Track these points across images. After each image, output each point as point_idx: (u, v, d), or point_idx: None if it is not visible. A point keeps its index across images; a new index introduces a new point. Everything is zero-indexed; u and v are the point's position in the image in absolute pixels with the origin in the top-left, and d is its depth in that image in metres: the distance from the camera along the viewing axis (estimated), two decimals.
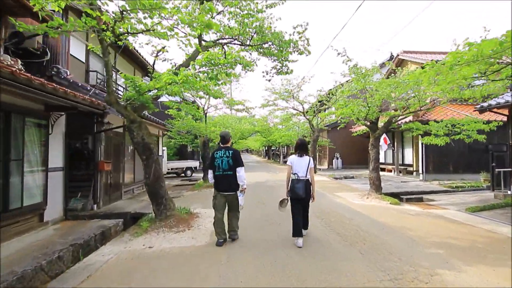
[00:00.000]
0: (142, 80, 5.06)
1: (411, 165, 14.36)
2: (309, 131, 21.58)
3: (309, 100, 15.71)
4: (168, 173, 16.81)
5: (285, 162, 31.18)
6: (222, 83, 5.32)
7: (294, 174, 4.30)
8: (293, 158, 4.43)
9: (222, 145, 4.45)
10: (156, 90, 5.06)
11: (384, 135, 13.59)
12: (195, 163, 17.61)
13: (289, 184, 4.36)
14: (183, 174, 17.35)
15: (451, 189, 10.09)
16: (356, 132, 11.77)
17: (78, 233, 5.64)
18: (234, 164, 4.26)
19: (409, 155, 14.68)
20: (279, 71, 6.70)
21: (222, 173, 4.26)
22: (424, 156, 11.81)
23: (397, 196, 9.64)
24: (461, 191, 9.92)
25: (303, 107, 15.75)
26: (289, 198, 4.41)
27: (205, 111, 12.51)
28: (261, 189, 9.93)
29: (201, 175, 12.61)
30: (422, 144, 11.93)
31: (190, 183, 13.07)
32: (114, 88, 8.60)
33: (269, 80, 6.92)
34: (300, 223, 4.28)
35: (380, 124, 8.80)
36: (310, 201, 4.46)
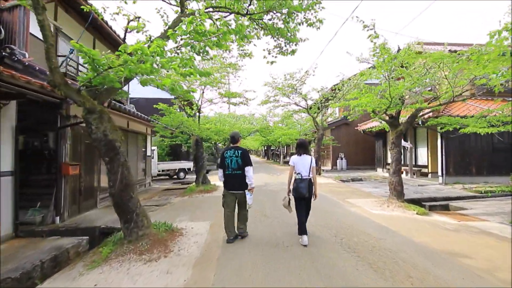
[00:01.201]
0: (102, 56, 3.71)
1: (425, 166, 13.05)
2: (312, 129, 20.29)
3: (312, 96, 14.38)
4: (159, 175, 15.44)
5: (286, 162, 29.91)
6: (212, 57, 3.99)
7: (298, 173, 4.34)
8: (295, 158, 4.47)
9: (232, 145, 4.55)
10: (125, 70, 3.71)
11: None
12: (188, 164, 16.24)
13: (292, 183, 4.43)
14: (175, 176, 15.97)
15: (479, 194, 8.78)
16: (369, 128, 10.45)
17: (22, 258, 4.29)
18: (243, 164, 4.35)
19: (423, 155, 13.37)
20: (283, 50, 5.36)
21: (232, 172, 4.36)
22: (444, 156, 10.50)
23: (418, 202, 8.32)
24: (491, 197, 8.60)
25: (306, 103, 14.40)
26: (290, 197, 4.49)
27: (199, 107, 11.14)
28: (261, 195, 8.57)
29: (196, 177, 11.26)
30: (442, 142, 10.63)
31: (182, 186, 11.70)
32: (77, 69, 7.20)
33: (272, 63, 5.58)
34: (304, 222, 4.39)
35: (401, 119, 7.48)
36: (312, 199, 4.48)
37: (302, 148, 4.48)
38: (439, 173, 10.76)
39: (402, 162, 14.70)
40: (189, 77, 3.60)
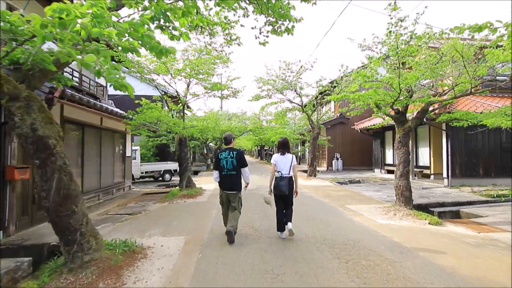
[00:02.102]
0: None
1: (427, 167, 12.27)
2: (306, 128, 19.40)
3: (308, 92, 13.44)
4: (142, 177, 14.32)
5: None
6: (181, 34, 3.00)
7: (278, 172, 4.46)
8: (276, 157, 4.61)
9: (226, 146, 4.62)
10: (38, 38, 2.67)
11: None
12: (175, 165, 15.14)
13: (273, 181, 4.53)
14: (161, 178, 14.87)
15: (492, 198, 7.98)
16: (369, 126, 9.55)
17: None
18: (238, 164, 4.44)
19: (424, 156, 12.59)
20: (275, 28, 4.40)
21: (227, 173, 4.43)
22: (450, 156, 9.69)
23: (425, 208, 7.49)
24: (504, 201, 7.81)
25: (301, 99, 13.46)
26: (273, 194, 4.57)
27: (184, 102, 10.10)
28: (251, 201, 7.56)
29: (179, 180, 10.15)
30: (447, 141, 9.82)
31: (165, 190, 10.65)
32: None
33: (264, 45, 4.62)
34: (282, 219, 4.52)
35: (408, 115, 6.60)
36: (294, 196, 4.58)
37: (283, 147, 4.62)
38: (444, 174, 9.96)
39: None
40: (132, 54, 2.60)
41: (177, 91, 9.65)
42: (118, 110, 9.09)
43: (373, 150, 16.84)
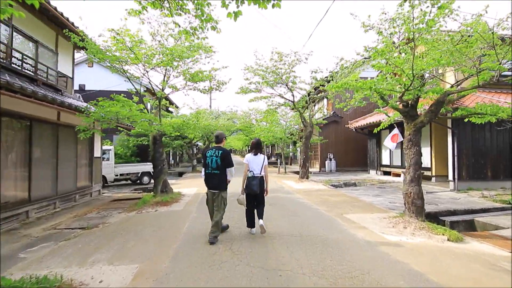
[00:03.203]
0: None
1: (428, 169, 11.36)
2: (297, 127, 18.37)
3: (301, 87, 12.33)
4: (117, 180, 12.96)
5: (269, 163, 27.90)
6: None
7: (250, 171, 4.56)
8: (249, 157, 4.69)
9: (215, 145, 4.60)
10: None
11: (396, 130, 10.53)
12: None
13: (245, 181, 4.61)
14: (139, 181, 13.55)
15: (507, 205, 7.06)
16: (369, 124, 8.56)
17: None
18: (222, 164, 4.37)
19: (425, 156, 11.60)
20: None
21: (211, 171, 4.38)
22: (456, 157, 8.77)
23: (435, 217, 6.53)
24: None
25: (292, 94, 12.37)
26: (245, 194, 4.60)
27: (161, 96, 8.84)
28: (234, 211, 6.32)
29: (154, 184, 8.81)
30: (453, 141, 8.91)
31: (139, 196, 9.38)
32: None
33: (235, 18, 3.44)
34: (253, 216, 4.65)
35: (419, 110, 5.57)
36: (265, 195, 4.71)
37: (256, 147, 4.72)
38: (450, 177, 9.04)
39: (400, 163, 13.04)
40: None
41: (150, 82, 8.40)
42: (79, 103, 7.79)
43: (368, 150, 15.94)
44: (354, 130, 15.62)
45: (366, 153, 16.34)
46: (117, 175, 12.69)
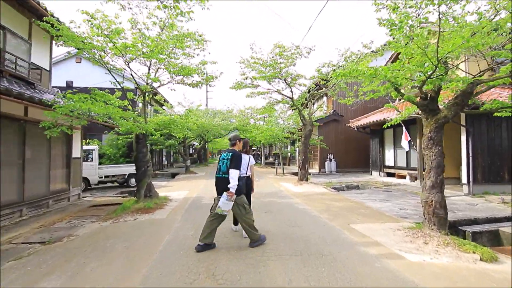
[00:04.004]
0: None
1: None
2: (295, 126, 17.56)
3: (300, 82, 11.50)
4: (101, 182, 12.05)
5: (268, 164, 27.04)
6: None
7: None
8: None
9: (229, 148, 4.44)
10: None
11: (404, 129, 9.73)
12: None
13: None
14: (126, 184, 12.65)
15: None
16: (373, 121, 7.80)
17: None
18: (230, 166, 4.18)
19: None
20: None
21: (222, 175, 4.17)
22: (471, 158, 7.98)
23: (454, 227, 5.72)
24: None
25: (291, 91, 11.53)
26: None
27: (145, 90, 7.97)
28: (224, 223, 5.48)
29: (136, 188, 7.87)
30: (467, 140, 8.11)
31: (120, 201, 8.51)
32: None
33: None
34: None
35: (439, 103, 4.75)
36: (251, 193, 4.93)
37: (243, 147, 4.74)
38: (464, 180, 8.24)
39: (405, 164, 12.23)
40: None
41: (132, 75, 7.51)
42: (49, 97, 6.90)
43: (370, 150, 15.14)
44: (355, 129, 14.82)
45: (368, 153, 15.56)
46: (101, 177, 11.77)
